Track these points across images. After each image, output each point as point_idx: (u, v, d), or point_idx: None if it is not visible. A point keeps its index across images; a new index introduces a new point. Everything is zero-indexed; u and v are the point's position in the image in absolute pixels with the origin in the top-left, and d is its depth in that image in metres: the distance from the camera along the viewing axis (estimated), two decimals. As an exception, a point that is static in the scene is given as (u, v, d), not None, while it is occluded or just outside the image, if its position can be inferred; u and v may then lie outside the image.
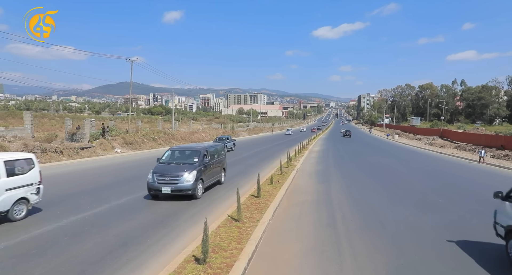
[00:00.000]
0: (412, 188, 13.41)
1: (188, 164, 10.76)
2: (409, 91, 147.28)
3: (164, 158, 11.54)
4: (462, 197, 11.93)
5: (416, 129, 77.78)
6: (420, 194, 12.20)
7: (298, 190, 12.51)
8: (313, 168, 19.10)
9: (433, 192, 12.69)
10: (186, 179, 10.11)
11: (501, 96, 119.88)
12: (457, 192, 12.69)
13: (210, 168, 11.86)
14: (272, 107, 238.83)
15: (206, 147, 12.16)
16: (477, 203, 10.65)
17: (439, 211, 9.62)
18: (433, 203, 10.58)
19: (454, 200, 11.24)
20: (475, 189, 13.72)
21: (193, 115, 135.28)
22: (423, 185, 14.06)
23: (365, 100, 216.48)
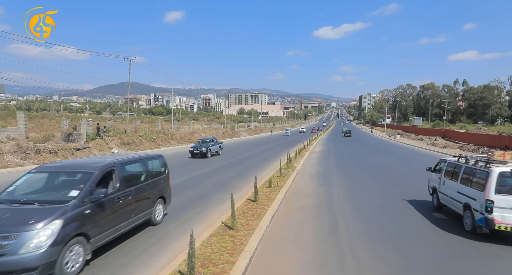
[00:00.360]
0: (415, 190, 12.83)
1: (47, 206, 5.18)
2: (411, 91, 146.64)
3: (12, 189, 5.89)
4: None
5: (418, 129, 77.08)
6: (425, 197, 11.61)
7: (298, 193, 11.94)
8: (314, 170, 18.53)
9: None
10: (25, 244, 4.56)
11: (503, 96, 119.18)
12: None
13: (124, 203, 6.46)
14: (273, 107, 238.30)
15: (113, 164, 6.48)
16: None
17: (444, 216, 9.03)
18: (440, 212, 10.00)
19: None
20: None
21: (194, 115, 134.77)
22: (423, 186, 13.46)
23: (366, 100, 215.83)
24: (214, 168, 18.35)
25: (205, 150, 23.86)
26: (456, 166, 8.98)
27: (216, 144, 26.40)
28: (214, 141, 26.72)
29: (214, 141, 26.80)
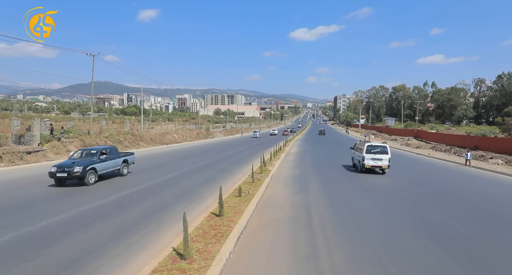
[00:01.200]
0: (400, 197, 11.82)
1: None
2: (383, 93, 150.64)
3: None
4: (461, 210, 10.40)
5: (391, 129, 78.56)
6: (411, 204, 10.59)
7: (271, 203, 10.51)
8: (290, 173, 17.24)
9: (424, 201, 11.15)
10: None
11: (467, 98, 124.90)
12: (454, 204, 11.14)
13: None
14: (249, 108, 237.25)
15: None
16: (485, 220, 9.17)
17: (442, 231, 7.95)
18: (430, 219, 8.95)
19: (453, 214, 9.68)
20: (475, 201, 12.31)
21: (169, 115, 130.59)
22: (412, 193, 12.52)
23: (341, 101, 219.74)
24: (176, 174, 16.57)
25: (79, 172, 12.63)
26: (356, 145, 20.26)
27: (114, 158, 15.07)
28: (110, 153, 15.02)
29: (112, 153, 15.21)
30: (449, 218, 8.97)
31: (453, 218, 8.96)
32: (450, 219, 8.91)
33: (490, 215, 9.63)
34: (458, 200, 11.50)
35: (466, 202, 11.19)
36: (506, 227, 8.39)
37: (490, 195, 13.17)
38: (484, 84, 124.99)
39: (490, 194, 13.40)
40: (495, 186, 15.29)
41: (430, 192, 12.89)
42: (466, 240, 7.25)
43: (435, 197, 11.91)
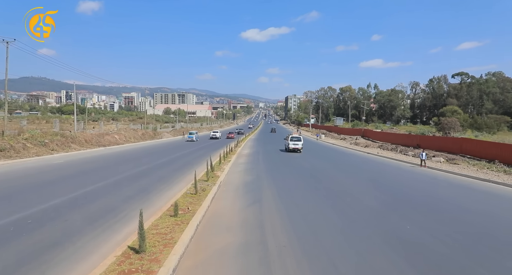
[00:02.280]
0: (364, 205, 10.46)
1: None
2: (331, 93, 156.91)
3: None
4: (434, 221, 9.23)
5: (339, 129, 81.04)
6: (379, 217, 9.21)
7: (216, 224, 8.30)
8: (241, 179, 15.22)
9: (392, 211, 9.89)
10: None
11: (405, 99, 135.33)
12: (424, 214, 9.96)
13: None
14: (201, 107, 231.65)
15: None
16: (468, 236, 7.97)
17: (421, 252, 6.50)
18: (404, 235, 7.54)
19: (428, 228, 8.43)
20: (440, 207, 11.37)
21: (114, 115, 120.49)
22: (377, 201, 11.24)
23: (292, 101, 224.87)
24: (102, 185, 13.55)
25: None
26: (287, 137, 34.00)
27: None
28: None
29: None
30: (425, 234, 7.65)
31: (431, 234, 7.65)
32: (427, 235, 7.59)
33: (470, 227, 8.56)
34: (427, 209, 10.36)
35: (438, 212, 10.05)
36: (499, 247, 7.19)
37: (463, 203, 11.80)
38: (418, 87, 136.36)
39: (463, 202, 11.94)
40: (465, 193, 14.74)
41: (395, 198, 11.74)
42: (455, 265, 5.86)
43: (402, 205, 10.73)
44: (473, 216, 9.74)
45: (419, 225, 8.35)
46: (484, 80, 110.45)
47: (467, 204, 11.49)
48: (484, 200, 12.29)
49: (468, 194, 13.41)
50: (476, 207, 11.06)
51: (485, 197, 12.73)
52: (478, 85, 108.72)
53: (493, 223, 8.97)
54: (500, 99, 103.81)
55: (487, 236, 7.69)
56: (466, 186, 15.40)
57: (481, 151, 28.84)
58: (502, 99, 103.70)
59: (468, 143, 31.58)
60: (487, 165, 24.79)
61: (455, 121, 47.69)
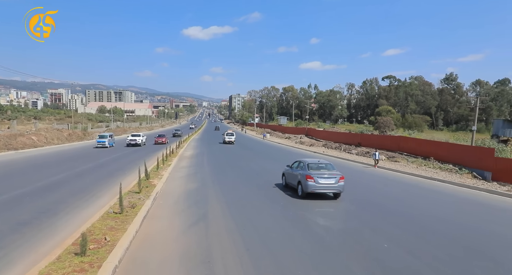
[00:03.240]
0: (333, 220, 9.08)
1: None
2: (275, 93, 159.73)
3: None
4: (410, 235, 8.14)
5: (284, 128, 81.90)
6: (351, 232, 7.85)
7: (145, 261, 5.95)
8: (183, 188, 12.91)
9: (362, 224, 8.64)
10: None
11: (342, 100, 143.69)
12: (397, 226, 8.87)
13: None
14: (141, 106, 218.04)
15: None
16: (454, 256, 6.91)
17: None
18: (384, 257, 6.21)
19: (407, 245, 7.25)
20: (411, 215, 10.49)
21: (37, 113, 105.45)
22: (341, 211, 9.95)
23: (236, 100, 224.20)
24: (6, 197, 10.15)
25: None
26: (223, 133, 45.58)
27: None
28: None
29: None
30: (407, 254, 6.42)
31: (413, 254, 6.44)
32: (410, 256, 6.37)
33: (452, 244, 7.61)
34: (398, 218, 9.32)
35: (411, 223, 8.98)
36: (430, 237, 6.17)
37: (433, 210, 10.64)
38: (354, 88, 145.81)
39: (432, 209, 10.78)
40: (433, 197, 14.41)
41: (359, 206, 10.60)
42: None
43: (370, 216, 9.60)
44: (446, 226, 9.00)
45: (394, 241, 7.15)
46: (408, 83, 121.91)
47: (440, 212, 10.91)
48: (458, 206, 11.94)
49: (437, 199, 13.05)
50: (452, 219, 10.49)
51: (454, 201, 12.46)
52: (403, 87, 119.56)
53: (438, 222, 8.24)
54: (422, 100, 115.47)
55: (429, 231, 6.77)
56: (432, 189, 15.30)
57: (416, 149, 30.40)
58: (423, 100, 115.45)
59: (405, 141, 33.27)
60: (424, 162, 26.00)
61: (389, 120, 50.85)
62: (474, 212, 10.77)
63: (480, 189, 14.98)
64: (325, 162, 12.61)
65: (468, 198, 12.82)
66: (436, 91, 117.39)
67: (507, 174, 20.09)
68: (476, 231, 8.34)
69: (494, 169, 21.22)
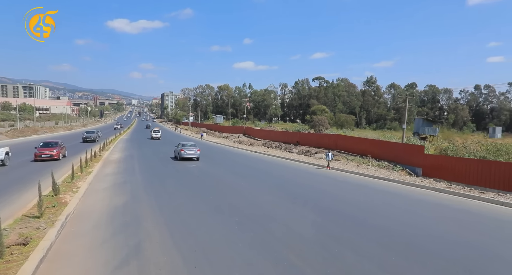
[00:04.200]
0: (294, 234, 7.51)
1: None
2: (209, 91, 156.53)
3: None
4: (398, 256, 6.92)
5: (220, 127, 79.81)
6: (325, 252, 6.35)
7: None
8: (106, 205, 10.06)
9: (334, 240, 7.24)
10: None
11: (277, 99, 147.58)
12: (378, 243, 7.60)
13: None
14: (57, 103, 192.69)
15: None
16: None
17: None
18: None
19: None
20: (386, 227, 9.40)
21: None
22: (306, 224, 8.38)
23: (168, 98, 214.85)
24: None
25: None
26: (151, 131, 54.97)
27: None
28: None
29: None
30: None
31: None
32: None
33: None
34: (376, 233, 8.10)
35: (396, 238, 7.92)
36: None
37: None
38: (287, 88, 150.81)
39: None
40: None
41: (326, 217, 9.09)
42: None
43: (339, 228, 8.26)
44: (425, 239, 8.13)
45: (384, 264, 5.87)
46: (336, 84, 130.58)
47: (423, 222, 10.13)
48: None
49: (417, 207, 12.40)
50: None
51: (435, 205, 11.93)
52: (332, 88, 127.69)
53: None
54: (348, 101, 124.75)
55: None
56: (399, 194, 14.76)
57: (353, 147, 31.36)
58: (349, 101, 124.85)
59: (342, 140, 34.23)
60: (362, 160, 26.72)
61: (324, 119, 52.71)
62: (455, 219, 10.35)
63: (428, 187, 14.99)
64: (191, 143, 25.04)
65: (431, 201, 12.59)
66: (360, 92, 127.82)
67: (434, 170, 21.50)
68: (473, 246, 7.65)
69: (424, 165, 22.57)
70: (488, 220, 9.59)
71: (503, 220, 9.63)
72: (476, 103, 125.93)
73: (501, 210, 10.77)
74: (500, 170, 17.49)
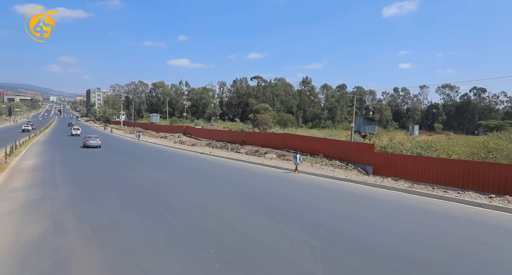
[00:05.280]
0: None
1: None
2: (143, 88, 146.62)
3: None
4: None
5: (158, 126, 74.27)
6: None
7: None
8: (11, 241, 6.93)
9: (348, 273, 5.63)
10: None
11: (215, 97, 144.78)
12: None
13: None
14: None
15: None
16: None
17: None
18: None
19: None
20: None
21: None
22: (300, 249, 6.66)
23: (95, 95, 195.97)
24: None
25: None
26: (72, 128, 54.55)
27: None
28: None
29: None
30: None
31: None
32: None
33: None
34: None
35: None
36: None
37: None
38: (225, 86, 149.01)
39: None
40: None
41: (325, 240, 7.13)
42: None
43: (352, 256, 6.70)
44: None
45: None
46: (274, 84, 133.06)
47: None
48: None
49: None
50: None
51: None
52: (270, 87, 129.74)
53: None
54: (285, 100, 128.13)
55: None
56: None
57: (302, 146, 30.89)
58: (286, 100, 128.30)
59: (290, 139, 33.54)
60: (314, 159, 26.26)
61: (268, 117, 52.14)
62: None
63: (398, 189, 14.33)
64: (94, 135, 34.35)
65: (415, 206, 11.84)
66: (296, 92, 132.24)
67: (384, 167, 21.84)
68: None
69: (374, 163, 22.84)
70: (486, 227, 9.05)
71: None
72: (396, 103, 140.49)
73: (493, 214, 10.48)
74: (446, 167, 18.16)
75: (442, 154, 27.56)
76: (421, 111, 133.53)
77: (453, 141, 37.66)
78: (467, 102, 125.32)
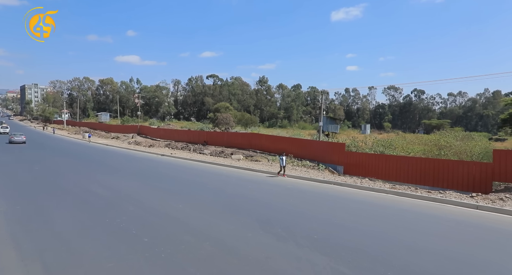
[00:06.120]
0: None
1: None
2: (89, 85, 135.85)
3: None
4: None
5: (108, 126, 68.46)
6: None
7: None
8: None
9: None
10: None
11: (169, 96, 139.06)
12: None
13: None
14: None
15: None
16: None
17: None
18: None
19: None
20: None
21: None
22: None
23: (32, 91, 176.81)
24: None
25: None
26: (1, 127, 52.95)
27: None
28: None
29: None
30: None
31: None
32: None
33: None
34: None
35: None
36: None
37: None
38: (180, 85, 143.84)
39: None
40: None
41: (342, 262, 6.35)
42: None
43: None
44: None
45: None
46: (231, 82, 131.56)
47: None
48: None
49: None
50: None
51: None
52: (227, 86, 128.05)
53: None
54: (242, 99, 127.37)
55: None
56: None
57: (270, 146, 29.96)
58: (243, 99, 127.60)
59: (257, 139, 32.40)
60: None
61: (229, 116, 50.56)
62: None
63: (388, 191, 13.84)
64: (20, 132, 37.93)
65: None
66: (253, 91, 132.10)
67: (355, 167, 21.68)
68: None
69: (345, 162, 22.62)
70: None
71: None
72: (347, 103, 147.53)
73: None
74: (415, 166, 18.42)
75: (402, 152, 28.45)
76: (370, 111, 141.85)
77: (407, 139, 39.68)
78: (409, 103, 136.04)
